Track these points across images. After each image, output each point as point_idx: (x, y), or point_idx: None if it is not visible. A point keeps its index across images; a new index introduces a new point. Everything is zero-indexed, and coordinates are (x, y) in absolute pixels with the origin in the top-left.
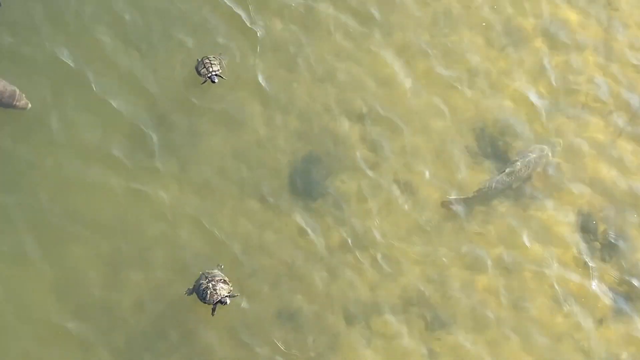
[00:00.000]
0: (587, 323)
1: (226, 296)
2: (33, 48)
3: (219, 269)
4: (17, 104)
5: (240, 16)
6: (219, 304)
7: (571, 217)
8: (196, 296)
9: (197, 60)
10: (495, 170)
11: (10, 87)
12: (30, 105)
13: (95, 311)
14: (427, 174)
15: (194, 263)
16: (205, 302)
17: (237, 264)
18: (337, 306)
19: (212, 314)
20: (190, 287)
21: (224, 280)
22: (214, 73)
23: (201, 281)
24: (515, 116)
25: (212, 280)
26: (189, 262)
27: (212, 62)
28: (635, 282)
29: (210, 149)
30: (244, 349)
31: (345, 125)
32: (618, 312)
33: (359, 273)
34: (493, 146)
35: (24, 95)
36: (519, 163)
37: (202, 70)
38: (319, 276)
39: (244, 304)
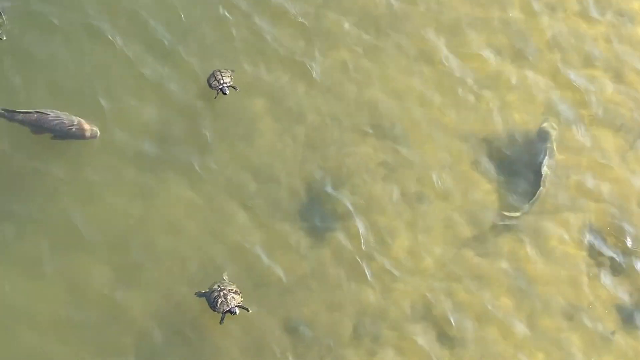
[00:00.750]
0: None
1: (236, 306)
2: None
3: (226, 278)
4: (86, 134)
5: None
6: (228, 314)
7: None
8: (206, 304)
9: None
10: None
11: (75, 119)
12: (99, 132)
13: (104, 318)
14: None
15: (202, 273)
16: (215, 310)
17: (245, 274)
18: (345, 319)
19: (221, 323)
20: (202, 291)
21: (236, 291)
22: (225, 85)
23: (213, 290)
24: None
25: (224, 290)
26: (199, 271)
27: (223, 74)
28: None
29: (221, 160)
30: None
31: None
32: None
33: (369, 284)
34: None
35: (88, 124)
36: (545, 167)
37: (214, 83)
38: (328, 288)
39: (253, 315)
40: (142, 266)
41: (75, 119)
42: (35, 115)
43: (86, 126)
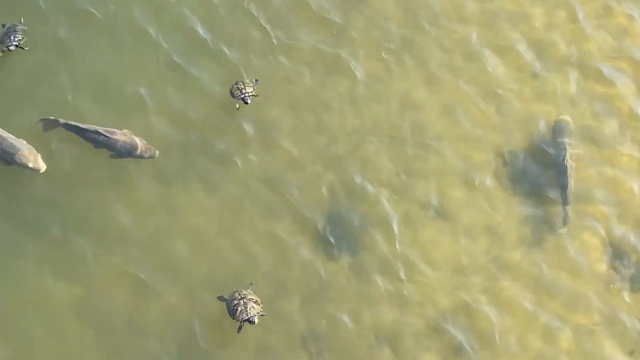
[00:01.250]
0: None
1: (255, 315)
2: None
3: (250, 288)
4: (146, 154)
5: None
6: (247, 322)
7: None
8: (226, 312)
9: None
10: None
11: (135, 139)
12: (158, 153)
13: (123, 324)
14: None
15: (223, 281)
16: (234, 318)
17: (265, 284)
18: (364, 331)
19: (238, 332)
20: (225, 296)
21: (256, 300)
22: (247, 94)
23: (234, 297)
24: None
25: (244, 298)
26: (219, 280)
27: (246, 84)
28: None
29: (241, 170)
30: None
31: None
32: None
33: (388, 298)
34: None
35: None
36: (567, 157)
37: (236, 92)
38: (347, 301)
39: (270, 325)
40: (163, 272)
41: (137, 140)
42: (101, 137)
43: (146, 147)
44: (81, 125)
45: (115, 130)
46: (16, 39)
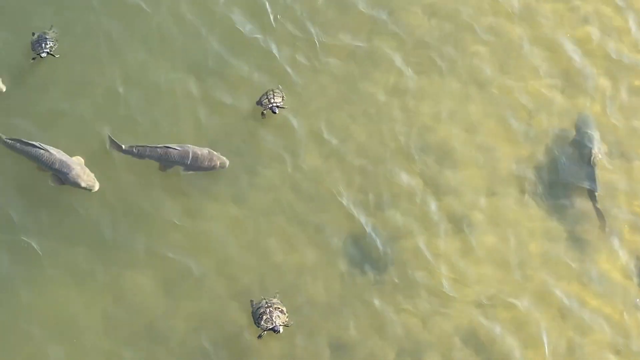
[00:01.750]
0: None
1: (280, 325)
2: None
3: (276, 298)
4: (216, 165)
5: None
6: (271, 331)
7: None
8: (251, 320)
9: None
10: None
11: (205, 151)
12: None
13: (145, 330)
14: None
15: (248, 291)
16: (258, 326)
17: (290, 293)
18: (389, 342)
19: (258, 338)
20: (252, 301)
21: (282, 310)
22: (275, 104)
23: (260, 306)
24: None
25: (270, 307)
26: (244, 289)
27: (275, 94)
28: None
29: (268, 181)
30: None
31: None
32: None
33: (412, 312)
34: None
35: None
36: (595, 149)
37: (264, 101)
38: (372, 313)
39: (294, 335)
40: (188, 279)
41: (206, 150)
42: (173, 150)
43: (217, 158)
44: (149, 145)
45: (184, 145)
46: (47, 46)
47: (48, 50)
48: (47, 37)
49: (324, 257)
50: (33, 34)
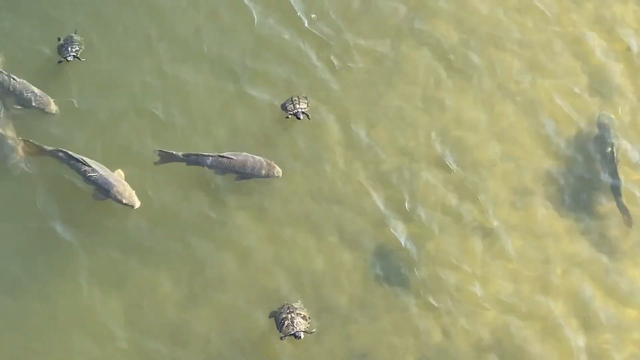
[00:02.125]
0: None
1: (301, 331)
2: None
3: (299, 303)
4: (273, 173)
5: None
6: (292, 337)
7: None
8: (274, 325)
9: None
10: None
11: (261, 159)
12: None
13: (167, 333)
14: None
15: (270, 295)
16: (280, 332)
17: (311, 299)
18: (408, 352)
19: (281, 339)
20: (274, 310)
21: (304, 315)
22: (300, 110)
23: (282, 311)
24: None
25: (292, 313)
26: (266, 294)
27: (300, 100)
28: None
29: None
30: None
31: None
32: None
33: (434, 318)
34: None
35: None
36: (615, 144)
37: (289, 106)
38: (393, 320)
39: (316, 340)
40: (212, 286)
41: (264, 161)
42: (224, 159)
43: (272, 167)
44: (203, 153)
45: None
46: (74, 50)
47: (74, 54)
48: (74, 40)
49: (350, 261)
50: (59, 38)
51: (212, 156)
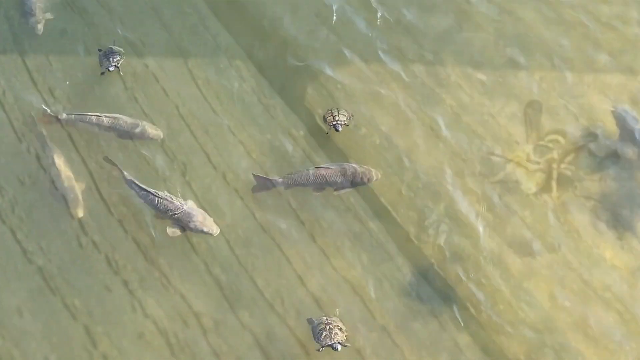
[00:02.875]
0: None
1: (338, 343)
2: None
3: (337, 314)
4: (372, 178)
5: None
6: (329, 347)
7: None
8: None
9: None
10: None
11: (358, 168)
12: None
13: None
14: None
15: (305, 307)
16: (317, 342)
17: (352, 313)
18: None
19: (318, 350)
20: (312, 319)
21: (341, 328)
22: (338, 122)
23: (321, 322)
24: None
25: (330, 324)
26: (301, 306)
27: (340, 112)
28: None
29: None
30: None
31: None
32: None
33: (471, 333)
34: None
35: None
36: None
37: (329, 118)
38: (430, 335)
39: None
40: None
41: (356, 165)
42: (322, 171)
43: (369, 171)
44: (304, 172)
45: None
46: (115, 60)
47: (115, 64)
48: (114, 51)
49: (384, 277)
50: (99, 50)
51: (310, 170)
